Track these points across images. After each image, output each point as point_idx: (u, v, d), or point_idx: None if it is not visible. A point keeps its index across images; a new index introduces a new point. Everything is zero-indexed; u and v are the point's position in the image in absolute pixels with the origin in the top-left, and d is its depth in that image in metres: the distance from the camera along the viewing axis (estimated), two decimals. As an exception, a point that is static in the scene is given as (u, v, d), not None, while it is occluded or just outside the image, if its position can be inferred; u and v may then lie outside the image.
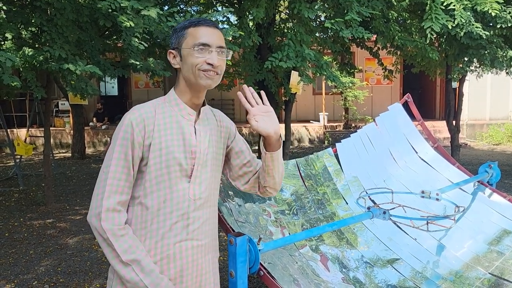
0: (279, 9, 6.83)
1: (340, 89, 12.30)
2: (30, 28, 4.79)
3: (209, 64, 1.43)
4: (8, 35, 4.50)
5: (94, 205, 1.38)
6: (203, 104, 1.55)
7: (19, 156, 8.23)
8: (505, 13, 5.66)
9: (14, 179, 8.26)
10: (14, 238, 5.02)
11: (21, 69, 4.58)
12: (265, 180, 1.60)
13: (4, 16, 4.47)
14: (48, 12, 4.65)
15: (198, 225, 1.48)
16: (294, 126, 11.64)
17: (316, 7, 5.47)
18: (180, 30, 1.47)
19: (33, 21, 4.57)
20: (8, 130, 8.17)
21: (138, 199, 1.43)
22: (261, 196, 1.70)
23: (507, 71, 7.17)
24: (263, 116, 1.47)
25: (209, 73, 1.43)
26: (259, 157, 1.66)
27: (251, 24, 6.00)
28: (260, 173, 1.63)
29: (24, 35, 4.83)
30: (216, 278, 1.58)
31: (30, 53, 4.34)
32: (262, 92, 1.57)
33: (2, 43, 4.60)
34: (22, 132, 10.97)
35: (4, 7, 4.39)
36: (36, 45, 4.83)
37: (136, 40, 4.19)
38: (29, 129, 9.17)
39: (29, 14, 4.71)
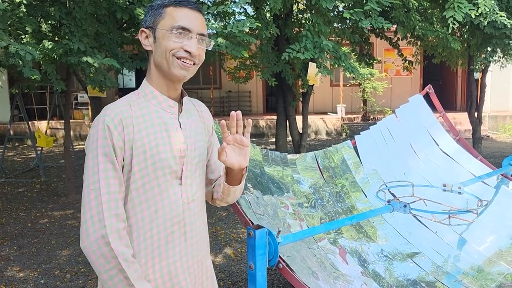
0: (297, -1, 6.74)
1: (359, 81, 12.14)
2: (49, 22, 4.85)
3: (186, 51, 1.26)
4: (28, 29, 4.56)
5: (92, 229, 1.18)
6: (182, 94, 1.38)
7: (40, 148, 8.38)
8: (531, 1, 5.49)
9: (35, 170, 8.43)
10: (36, 228, 5.14)
11: (41, 62, 4.65)
12: (217, 194, 1.49)
13: (25, 10, 4.53)
14: (67, 6, 4.70)
15: (196, 231, 1.36)
16: (311, 118, 11.56)
17: (335, -3, 5.38)
18: (157, 8, 1.27)
19: (52, 14, 4.62)
20: (29, 122, 8.32)
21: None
22: (210, 203, 1.57)
23: (532, 61, 6.97)
24: (235, 148, 1.31)
25: (185, 62, 1.26)
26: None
27: (268, 15, 5.94)
28: (215, 185, 1.51)
29: (44, 29, 4.89)
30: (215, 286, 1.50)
31: (50, 46, 4.39)
32: (249, 121, 1.50)
33: (23, 36, 4.67)
34: (42, 125, 11.17)
35: (25, 1, 4.45)
36: (56, 38, 4.89)
37: (154, 32, 4.21)
38: (50, 122, 9.32)
39: (48, 7, 4.76)
